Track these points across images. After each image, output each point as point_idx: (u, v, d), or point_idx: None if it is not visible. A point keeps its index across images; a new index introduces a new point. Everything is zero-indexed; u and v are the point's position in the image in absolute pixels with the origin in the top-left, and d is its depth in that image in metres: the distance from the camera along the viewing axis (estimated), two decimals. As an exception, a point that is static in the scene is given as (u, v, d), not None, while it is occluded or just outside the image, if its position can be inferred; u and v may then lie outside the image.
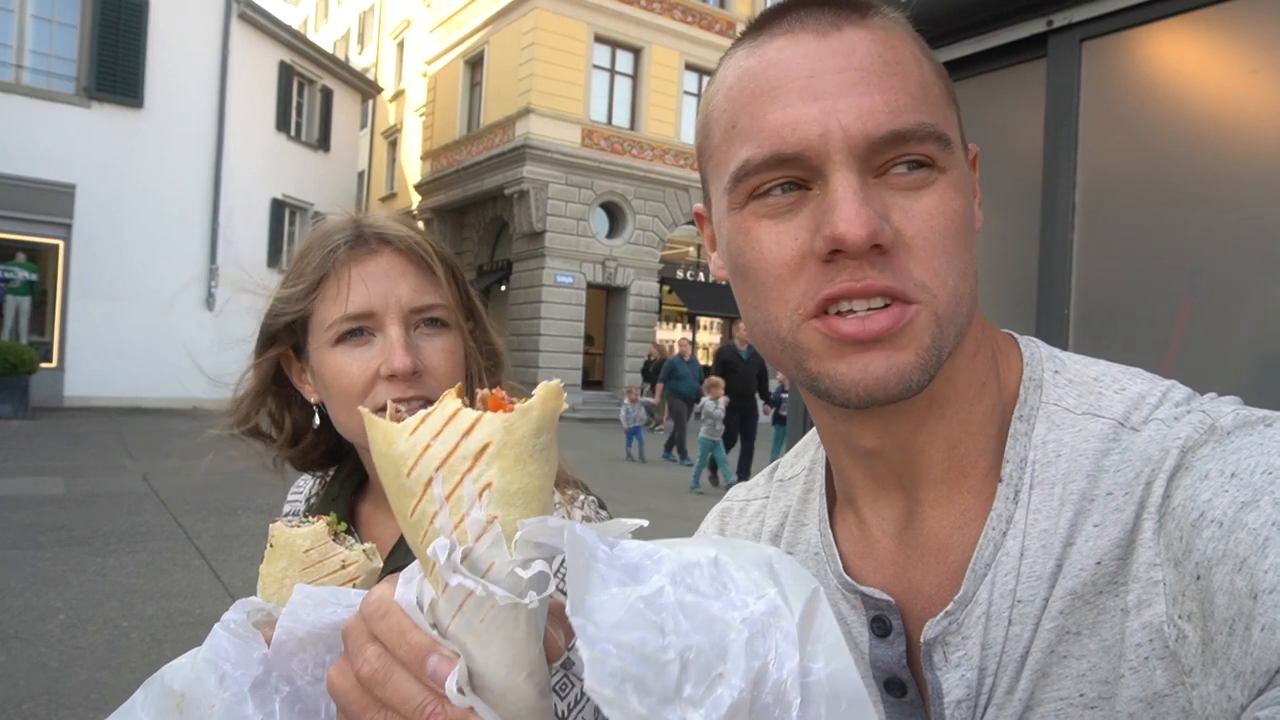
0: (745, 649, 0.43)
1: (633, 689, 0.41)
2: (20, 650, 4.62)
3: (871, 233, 0.62)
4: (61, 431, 13.84)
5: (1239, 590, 0.54)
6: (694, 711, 0.41)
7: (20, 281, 17.13)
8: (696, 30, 25.15)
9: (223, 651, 0.77)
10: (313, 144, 24.01)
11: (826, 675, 0.44)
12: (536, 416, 0.49)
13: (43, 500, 8.50)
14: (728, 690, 0.42)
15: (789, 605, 0.45)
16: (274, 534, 0.86)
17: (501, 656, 0.48)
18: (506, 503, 0.48)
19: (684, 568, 0.45)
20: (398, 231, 1.18)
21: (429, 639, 0.49)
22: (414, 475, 0.48)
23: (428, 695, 0.48)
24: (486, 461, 0.47)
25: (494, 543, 0.47)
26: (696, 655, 0.42)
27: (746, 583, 0.45)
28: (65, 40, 17.72)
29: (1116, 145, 1.93)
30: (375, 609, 0.51)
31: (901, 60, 0.67)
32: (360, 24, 36.47)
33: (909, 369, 0.65)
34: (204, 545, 7.04)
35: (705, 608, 0.44)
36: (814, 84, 0.65)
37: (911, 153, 0.65)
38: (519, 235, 23.70)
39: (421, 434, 0.48)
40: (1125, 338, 1.90)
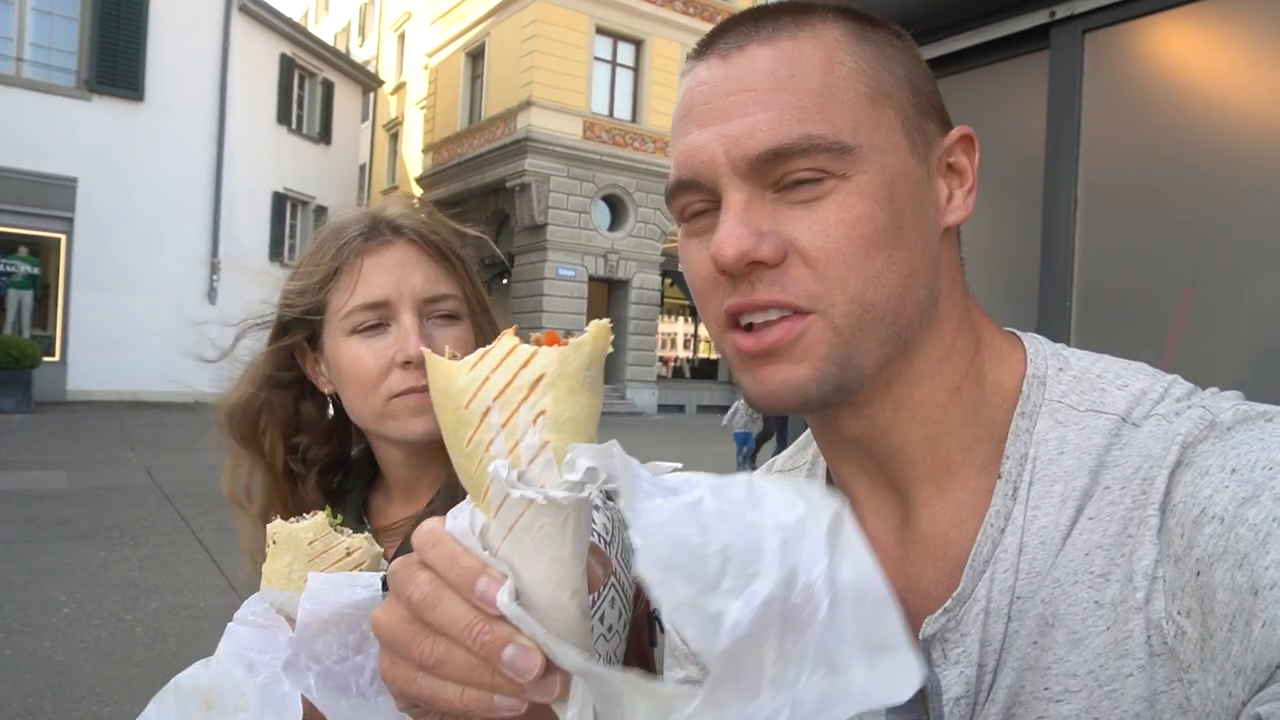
0: (779, 551, 0.46)
1: (679, 575, 0.44)
2: (25, 644, 4.64)
3: (740, 253, 0.64)
4: (64, 425, 13.87)
5: (1240, 586, 0.54)
6: (732, 601, 0.44)
7: (22, 275, 17.15)
8: (698, 22, 25.07)
9: (246, 643, 0.78)
10: (314, 137, 23.98)
11: (852, 579, 0.46)
12: (589, 350, 0.52)
13: (46, 494, 8.52)
14: (763, 585, 0.45)
15: (817, 517, 0.48)
16: (275, 531, 0.87)
17: (549, 575, 0.51)
18: (559, 429, 0.51)
19: (721, 484, 0.49)
20: (412, 222, 1.19)
21: (479, 561, 0.51)
22: (472, 407, 0.51)
23: (476, 616, 0.50)
24: (542, 391, 0.51)
25: (546, 464, 0.50)
26: (735, 553, 0.45)
27: (779, 497, 0.49)
28: (65, 33, 17.69)
29: (1119, 137, 1.92)
30: (427, 539, 0.53)
31: (799, 71, 0.67)
32: (361, 16, 36.38)
33: (803, 382, 0.67)
34: (207, 539, 7.06)
35: (741, 515, 0.47)
36: (709, 110, 0.68)
37: (797, 167, 0.65)
38: (521, 228, 23.68)
39: (480, 368, 0.52)
40: (1127, 329, 1.90)
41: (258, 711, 0.75)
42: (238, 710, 0.76)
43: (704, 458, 13.87)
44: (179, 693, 0.78)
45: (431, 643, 0.51)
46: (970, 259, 0.79)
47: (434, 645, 0.51)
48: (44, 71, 17.52)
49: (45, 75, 17.51)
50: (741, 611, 0.44)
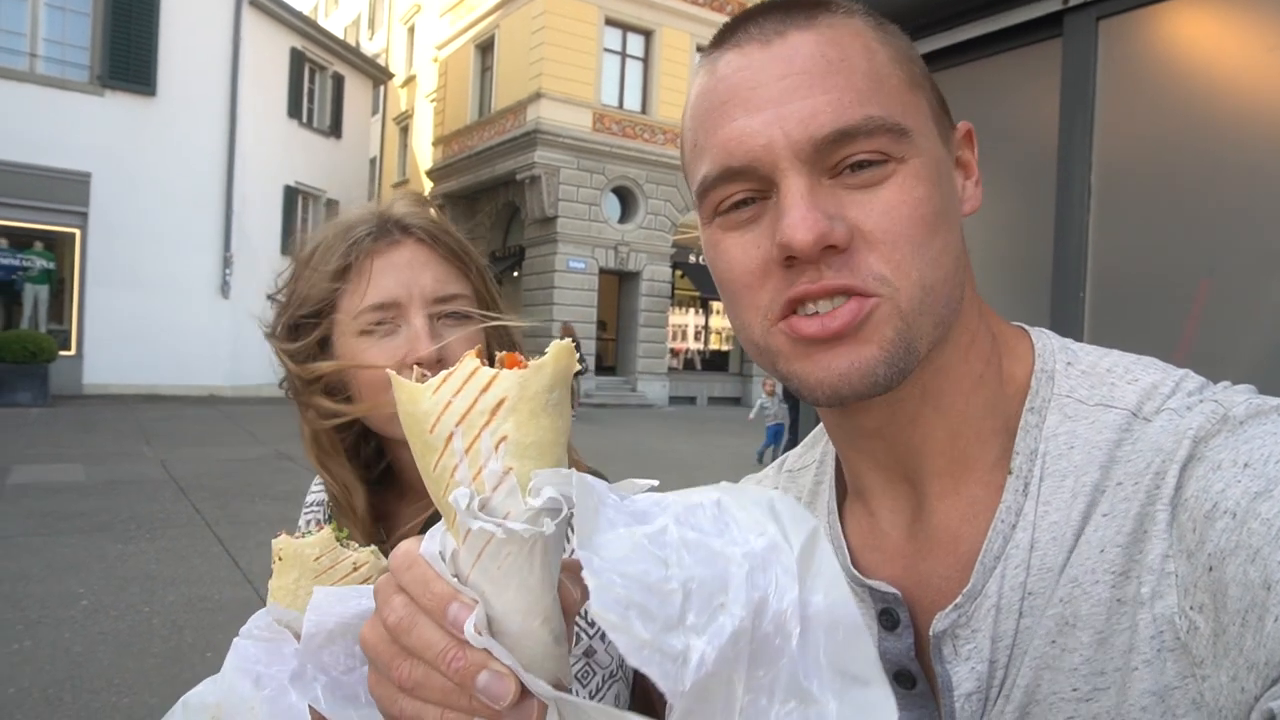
0: (746, 581, 0.45)
1: (637, 615, 0.43)
2: (44, 635, 4.69)
3: (819, 236, 0.63)
4: (81, 419, 13.99)
5: (1252, 581, 0.53)
6: (697, 638, 0.43)
7: (38, 270, 17.28)
8: (708, 12, 24.96)
9: (251, 657, 0.78)
10: (324, 130, 24.03)
11: (826, 606, 0.45)
12: (550, 372, 0.52)
13: (63, 487, 8.60)
14: (729, 619, 0.43)
15: (789, 542, 0.47)
16: (280, 548, 0.87)
17: (517, 602, 0.50)
18: (521, 454, 0.50)
19: (687, 509, 0.48)
20: (421, 221, 1.19)
21: (450, 587, 0.51)
22: (436, 431, 0.51)
23: (450, 641, 0.50)
24: (503, 415, 0.50)
25: (510, 492, 0.50)
26: (699, 586, 0.44)
27: (748, 521, 0.48)
28: (78, 28, 17.77)
29: (1133, 126, 1.91)
30: (401, 561, 0.53)
31: (847, 56, 0.67)
32: (370, 9, 36.39)
33: (873, 363, 0.65)
34: (222, 532, 7.11)
35: (707, 544, 0.46)
36: (758, 94, 0.66)
37: (860, 149, 0.65)
38: (531, 221, 23.68)
39: (443, 392, 0.51)
40: (1141, 322, 1.89)
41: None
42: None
43: (715, 450, 13.86)
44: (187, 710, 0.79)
45: (410, 665, 0.52)
46: (982, 250, 0.79)
47: (412, 668, 0.52)
48: (57, 67, 17.61)
49: (59, 71, 17.60)
50: (707, 648, 0.43)
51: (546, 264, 23.35)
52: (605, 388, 23.79)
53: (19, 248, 17.18)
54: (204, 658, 4.37)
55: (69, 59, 17.71)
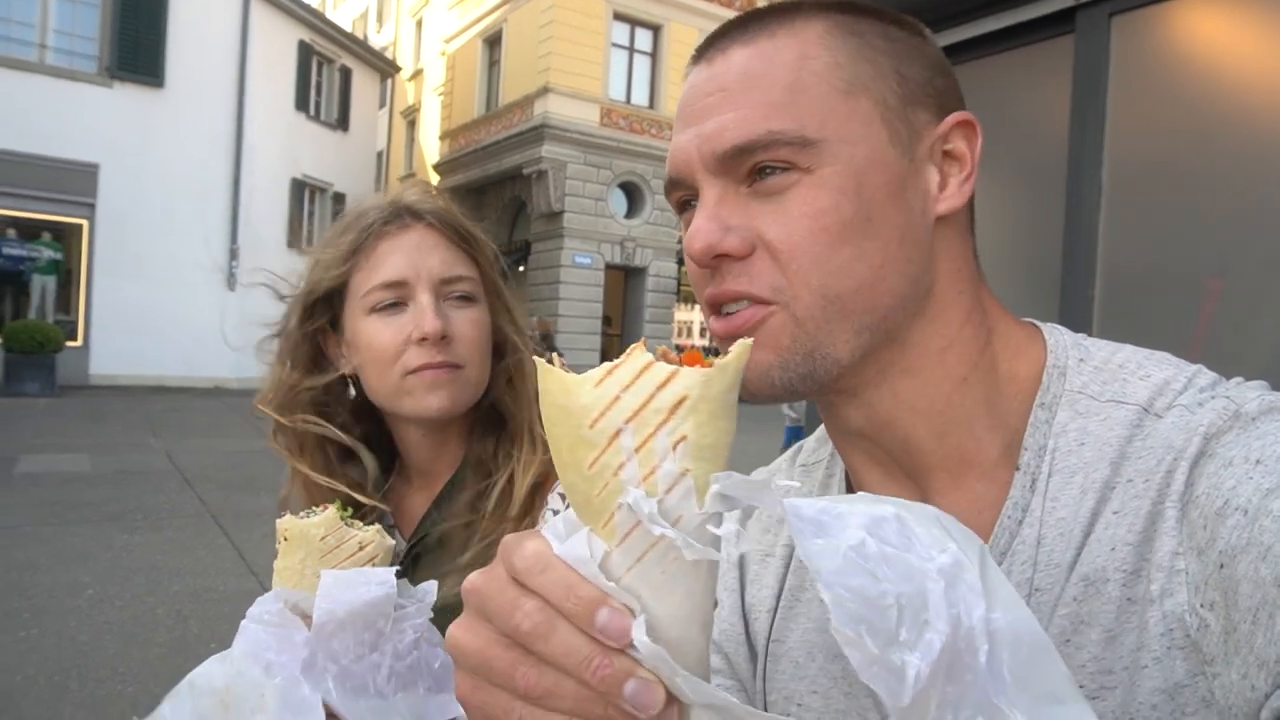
0: (944, 597, 0.44)
1: (867, 631, 0.43)
2: (50, 624, 4.71)
3: (706, 246, 0.67)
4: (87, 409, 14.05)
5: (1263, 579, 0.53)
6: (910, 654, 0.43)
7: (46, 261, 17.34)
8: (716, 7, 24.89)
9: (261, 643, 0.77)
10: (332, 123, 24.05)
11: (1007, 623, 0.45)
12: (733, 372, 0.50)
13: (70, 477, 8.64)
14: (936, 635, 0.43)
15: (969, 559, 0.46)
16: (286, 528, 0.87)
17: (680, 610, 0.49)
18: (699, 457, 0.48)
19: (874, 521, 0.47)
20: (431, 207, 1.24)
21: (599, 591, 0.48)
22: (598, 426, 0.48)
23: (595, 648, 0.47)
24: (683, 415, 0.48)
25: (685, 495, 0.48)
26: (907, 601, 0.44)
27: (928, 537, 0.47)
28: (87, 20, 17.81)
29: (1145, 123, 1.89)
30: (533, 563, 0.49)
31: (770, 70, 0.68)
32: (379, 2, 36.39)
33: (767, 367, 0.68)
34: (227, 523, 7.14)
35: (904, 559, 0.45)
36: (690, 111, 0.72)
37: (763, 160, 0.67)
38: (537, 215, 23.68)
39: (609, 386, 0.48)
40: (1151, 319, 1.88)
41: (277, 714, 0.74)
42: (255, 712, 0.75)
43: (720, 445, 13.85)
44: (194, 692, 0.78)
45: (538, 672, 0.49)
46: (991, 247, 0.78)
47: (540, 675, 0.48)
48: (66, 58, 17.65)
49: (67, 62, 17.65)
50: (921, 664, 0.43)
51: (553, 259, 23.35)
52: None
53: (27, 238, 17.24)
54: (208, 648, 4.38)
55: (78, 50, 17.75)
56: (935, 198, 0.71)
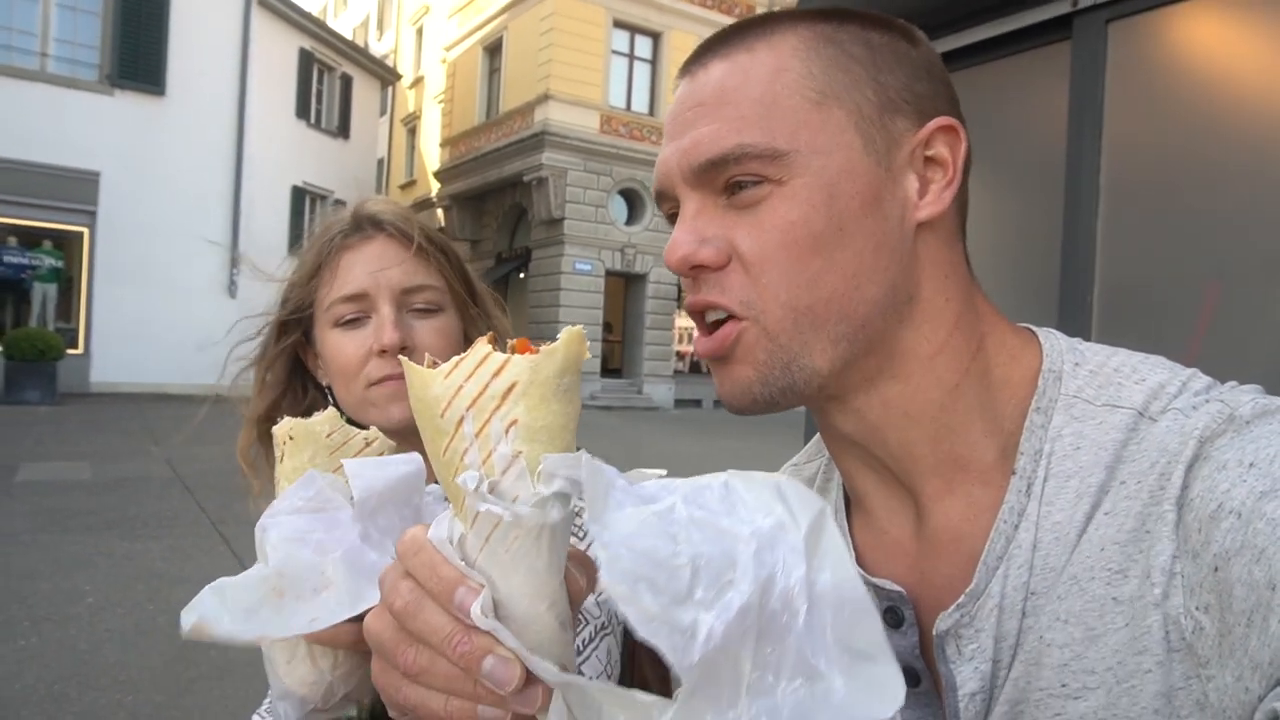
0: (754, 559, 0.45)
1: (646, 588, 0.44)
2: (51, 632, 4.71)
3: (681, 258, 0.69)
4: (88, 417, 14.05)
5: (1258, 581, 0.53)
6: (705, 612, 0.44)
7: (47, 269, 17.35)
8: (716, 14, 24.97)
9: (303, 527, 0.71)
10: (332, 131, 24.10)
11: (833, 584, 0.46)
12: (560, 357, 0.52)
13: (71, 485, 8.63)
14: (737, 594, 0.44)
15: (796, 521, 0.47)
16: (290, 428, 0.83)
17: (525, 587, 0.51)
18: (531, 438, 0.51)
19: (695, 490, 0.49)
20: (391, 217, 1.23)
21: (457, 571, 0.51)
22: (447, 416, 0.51)
23: (456, 626, 0.50)
24: (514, 400, 0.51)
25: (519, 476, 0.50)
26: (707, 563, 0.45)
27: (755, 502, 0.48)
28: (88, 28, 17.86)
29: (1143, 129, 1.90)
30: (409, 546, 0.53)
31: (744, 84, 0.69)
32: (379, 10, 36.50)
33: (748, 383, 0.70)
34: (227, 531, 7.13)
35: (715, 522, 0.47)
36: (673, 126, 0.73)
37: (734, 174, 0.68)
38: (538, 222, 23.70)
39: (455, 377, 0.52)
40: (1150, 324, 1.88)
41: (348, 584, 0.69)
42: (319, 590, 0.69)
43: (720, 452, 13.85)
44: (226, 591, 0.70)
45: (415, 651, 0.52)
46: (989, 253, 0.79)
47: (417, 654, 0.52)
48: (67, 66, 17.69)
49: (69, 70, 17.68)
50: (715, 622, 0.43)
51: (553, 266, 23.37)
52: (611, 390, 23.79)
53: (28, 246, 17.25)
54: (208, 656, 4.38)
55: (79, 58, 17.79)
56: (915, 204, 0.71)
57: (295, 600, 0.69)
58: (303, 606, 0.69)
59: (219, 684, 4.21)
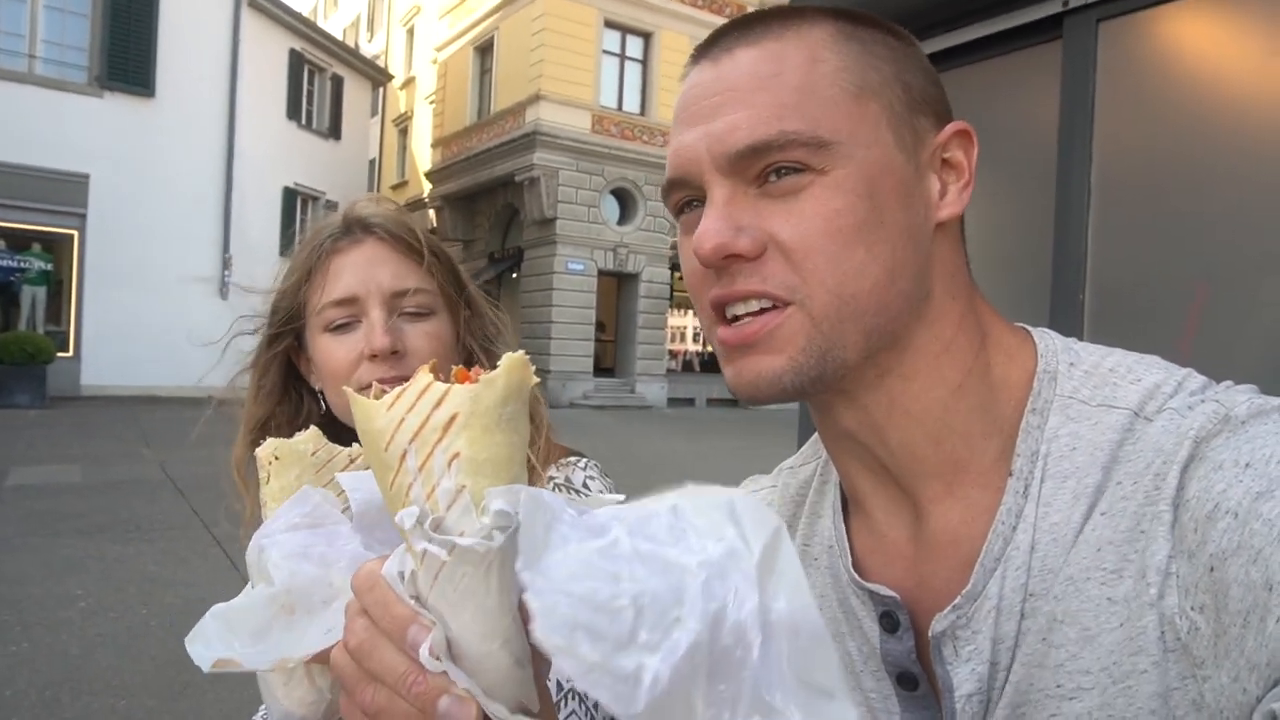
0: (702, 591, 0.43)
1: (584, 636, 0.41)
2: (42, 637, 4.68)
3: (717, 246, 0.66)
4: (79, 420, 13.98)
5: (1254, 582, 0.53)
6: (650, 656, 0.41)
7: (36, 271, 17.28)
8: (706, 14, 24.97)
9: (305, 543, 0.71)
10: (323, 132, 24.03)
11: (788, 612, 0.44)
12: (501, 386, 0.51)
13: (62, 489, 8.59)
14: (684, 633, 0.42)
15: (748, 546, 0.45)
16: (275, 448, 0.82)
17: (475, 625, 0.49)
18: (475, 471, 0.49)
19: (641, 519, 0.47)
20: (382, 220, 1.22)
21: (410, 610, 0.50)
22: (390, 449, 0.50)
23: (411, 665, 0.49)
24: (455, 432, 0.49)
25: (464, 511, 0.49)
26: (651, 601, 0.43)
27: (705, 526, 0.46)
28: (77, 29, 17.76)
29: (1134, 129, 1.91)
30: (364, 582, 0.52)
31: (781, 71, 0.68)
32: (370, 10, 36.40)
33: (779, 372, 0.68)
34: (221, 533, 7.10)
35: (661, 554, 0.45)
36: (696, 111, 0.71)
37: (777, 160, 0.67)
38: (530, 222, 23.67)
39: (397, 409, 0.50)
40: (1141, 324, 1.89)
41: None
42: (328, 601, 0.68)
43: (713, 451, 13.85)
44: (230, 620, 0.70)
45: (374, 689, 0.51)
46: (981, 253, 0.79)
47: (375, 692, 0.51)
48: (56, 68, 17.60)
49: (57, 72, 17.59)
50: (661, 665, 0.41)
51: (545, 265, 23.35)
52: (604, 389, 23.78)
53: (17, 249, 17.16)
54: (202, 660, 4.36)
55: (68, 60, 17.70)
56: (936, 204, 0.72)
57: (306, 615, 0.68)
58: (315, 620, 0.68)
59: (212, 688, 4.19)
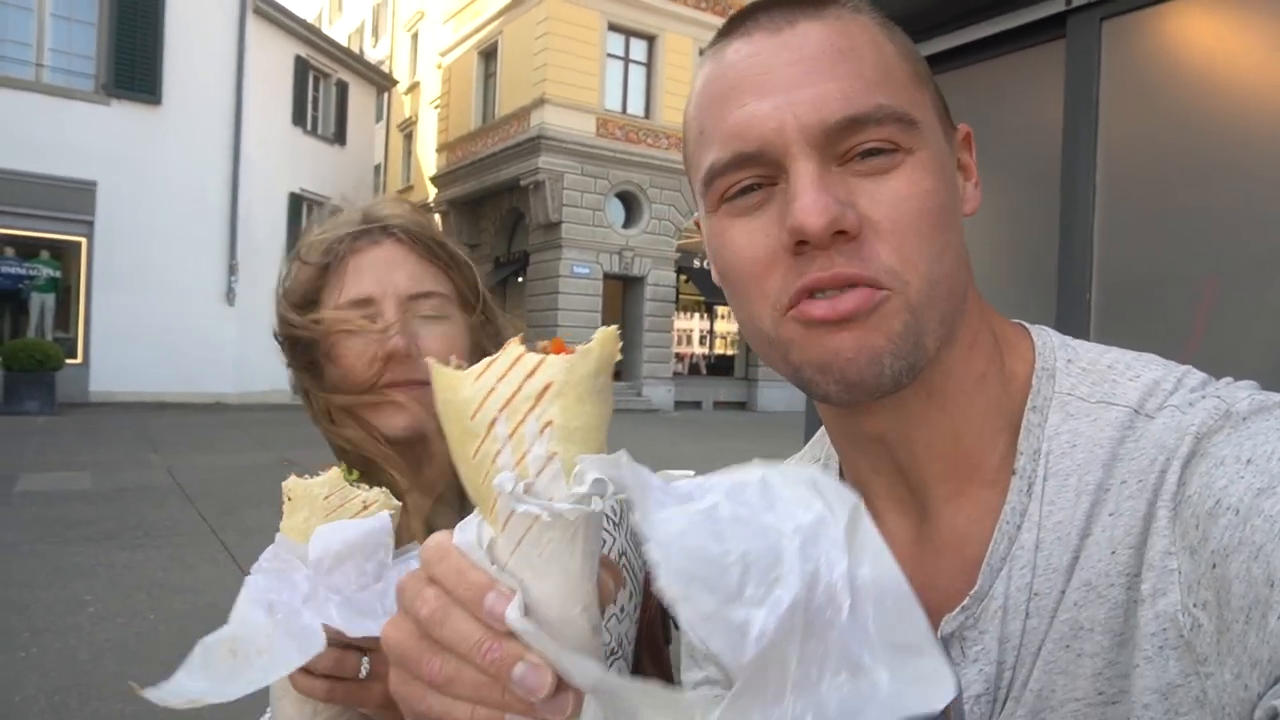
0: (799, 554, 0.45)
1: (700, 587, 0.43)
2: (50, 642, 4.69)
3: (830, 220, 0.62)
4: (88, 427, 14.03)
5: (1256, 578, 0.53)
6: (757, 610, 0.44)
7: (45, 279, 17.35)
8: (710, 16, 24.98)
9: (263, 587, 0.75)
10: (329, 138, 24.10)
11: (873, 578, 0.46)
12: (596, 358, 0.52)
13: (71, 495, 8.62)
14: (786, 591, 0.44)
15: (834, 516, 0.47)
16: (290, 488, 0.86)
17: (558, 590, 0.50)
18: (566, 439, 0.50)
19: (734, 487, 0.48)
20: (400, 221, 1.21)
21: (487, 576, 0.50)
22: (478, 418, 0.50)
23: (485, 632, 0.49)
24: (549, 400, 0.50)
25: (554, 476, 0.49)
26: (755, 559, 0.45)
27: (793, 497, 0.48)
28: (84, 38, 17.86)
29: (1138, 126, 1.90)
30: (434, 553, 0.52)
31: (856, 46, 0.67)
32: (374, 16, 36.53)
33: (879, 351, 0.64)
34: (228, 539, 7.12)
35: (758, 519, 0.46)
36: (768, 80, 0.66)
37: (870, 137, 0.64)
38: (535, 226, 23.71)
39: (486, 378, 0.51)
40: (1148, 322, 1.88)
41: (280, 647, 0.73)
42: (261, 652, 0.73)
43: (720, 453, 13.82)
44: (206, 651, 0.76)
45: (441, 660, 0.50)
46: (987, 251, 0.79)
47: (443, 663, 0.50)
48: (63, 76, 17.69)
49: (64, 80, 17.69)
50: (767, 619, 0.43)
51: (551, 269, 23.38)
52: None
53: (25, 257, 17.25)
54: (210, 664, 4.37)
55: (75, 68, 17.79)
56: (962, 199, 0.73)
57: (244, 661, 0.73)
58: (246, 669, 0.72)
59: (221, 692, 4.20)
